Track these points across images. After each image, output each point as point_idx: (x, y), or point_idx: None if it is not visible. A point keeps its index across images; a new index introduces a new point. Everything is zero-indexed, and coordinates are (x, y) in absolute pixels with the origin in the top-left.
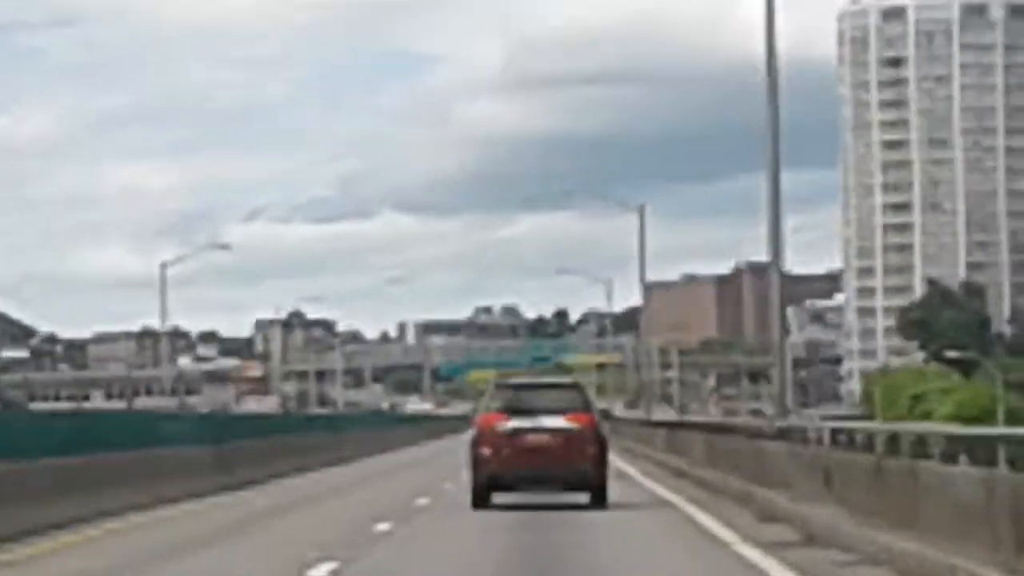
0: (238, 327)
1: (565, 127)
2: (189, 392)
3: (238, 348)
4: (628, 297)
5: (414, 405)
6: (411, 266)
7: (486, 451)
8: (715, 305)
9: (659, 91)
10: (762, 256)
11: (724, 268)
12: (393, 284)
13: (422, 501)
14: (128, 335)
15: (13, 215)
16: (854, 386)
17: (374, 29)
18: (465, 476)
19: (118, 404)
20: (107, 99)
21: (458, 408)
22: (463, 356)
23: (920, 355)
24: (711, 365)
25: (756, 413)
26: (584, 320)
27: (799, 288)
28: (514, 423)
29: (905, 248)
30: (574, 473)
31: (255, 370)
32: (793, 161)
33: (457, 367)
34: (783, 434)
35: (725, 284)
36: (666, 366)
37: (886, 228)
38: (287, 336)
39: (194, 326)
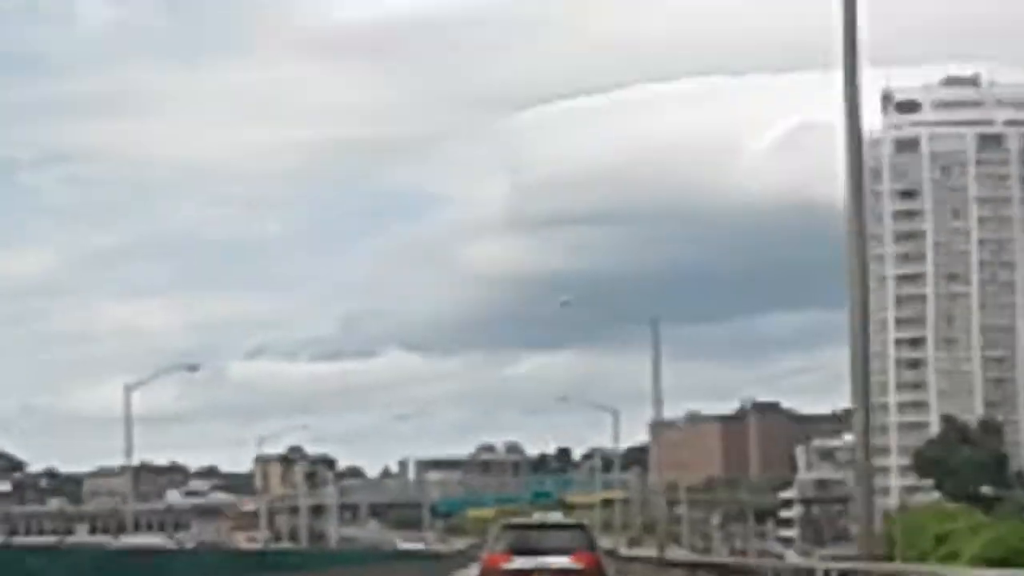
0: (238, 463)
1: (568, 266)
2: (178, 527)
3: (239, 484)
4: (632, 436)
5: (409, 543)
6: (415, 404)
7: None
8: (720, 444)
9: (663, 231)
10: (767, 396)
11: (728, 408)
12: (398, 421)
13: None
14: (125, 469)
15: (11, 351)
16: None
17: (374, 169)
18: None
19: (103, 538)
20: (101, 238)
21: (455, 544)
22: (463, 492)
23: (935, 494)
24: (717, 503)
25: (763, 554)
26: (588, 456)
27: (806, 428)
28: (519, 563)
29: (919, 385)
30: None
31: (250, 505)
32: (800, 301)
33: (455, 503)
34: None
35: (730, 424)
36: (671, 503)
37: (899, 363)
38: (287, 472)
39: (194, 462)
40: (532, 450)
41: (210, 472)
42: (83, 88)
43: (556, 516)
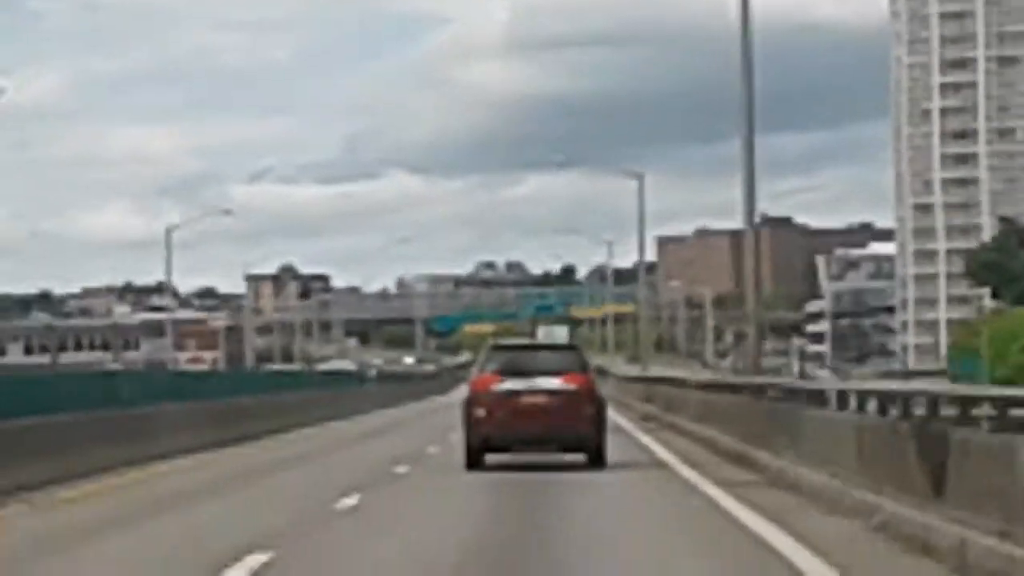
0: (236, 285)
1: (570, 88)
2: (127, 345)
3: (233, 305)
4: (636, 254)
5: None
6: (416, 226)
7: (481, 412)
8: (730, 260)
9: (665, 52)
10: (779, 211)
11: (738, 224)
12: (399, 243)
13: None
14: (110, 290)
15: (16, 176)
16: (909, 339)
17: None
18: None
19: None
20: (107, 63)
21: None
22: (459, 308)
23: (992, 303)
24: (733, 319)
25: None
26: (593, 275)
27: (820, 240)
28: (509, 384)
29: (970, 182)
30: (570, 434)
31: (221, 322)
32: (806, 123)
33: (451, 320)
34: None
35: (741, 238)
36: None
37: (945, 159)
38: (279, 291)
39: (192, 284)
40: (535, 269)
41: (206, 293)
42: None
43: (561, 331)
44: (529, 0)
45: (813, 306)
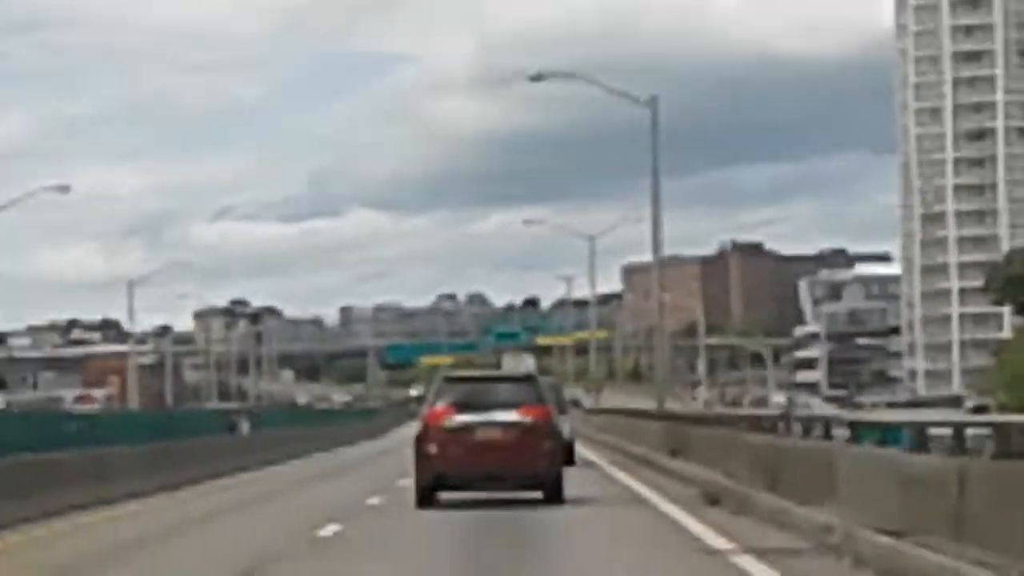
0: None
1: (534, 123)
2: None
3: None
4: (605, 283)
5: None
6: (381, 262)
7: (432, 448)
8: (700, 287)
9: (631, 86)
10: (750, 237)
11: (707, 251)
12: (362, 281)
13: None
14: (54, 327)
15: None
16: (917, 365)
17: (339, 30)
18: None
19: None
20: (73, 104)
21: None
22: (413, 339)
23: (1018, 319)
24: (718, 348)
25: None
26: (559, 305)
27: (791, 267)
28: (462, 418)
29: (985, 189)
30: (527, 470)
31: (146, 357)
32: (770, 155)
33: (406, 350)
34: None
35: (710, 265)
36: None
37: (958, 163)
38: (229, 326)
39: (151, 323)
40: (498, 301)
41: (164, 331)
42: None
43: (528, 361)
44: (493, 35)
45: (801, 331)
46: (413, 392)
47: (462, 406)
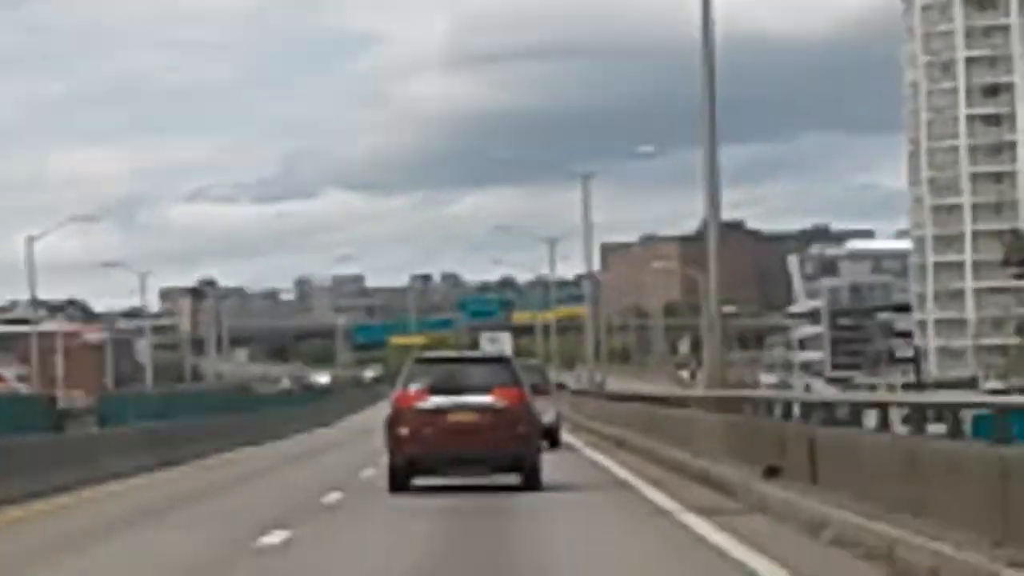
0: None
1: (509, 103)
2: None
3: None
4: (579, 264)
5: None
6: (355, 244)
7: (404, 431)
8: (678, 267)
9: (603, 65)
10: (732, 215)
11: (687, 230)
12: (339, 262)
13: None
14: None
15: None
16: (929, 342)
17: (313, 9)
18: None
19: None
20: (50, 84)
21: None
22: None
23: None
24: (686, 329)
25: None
26: (534, 285)
27: (774, 246)
28: (434, 402)
29: (1003, 149)
30: (502, 453)
31: (95, 334)
32: (743, 135)
33: (375, 329)
34: None
35: (690, 244)
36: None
37: (971, 119)
38: (196, 305)
39: (124, 304)
40: (472, 280)
41: (135, 312)
42: None
43: (504, 337)
44: (467, 15)
45: (796, 308)
46: (369, 374)
47: (435, 388)
